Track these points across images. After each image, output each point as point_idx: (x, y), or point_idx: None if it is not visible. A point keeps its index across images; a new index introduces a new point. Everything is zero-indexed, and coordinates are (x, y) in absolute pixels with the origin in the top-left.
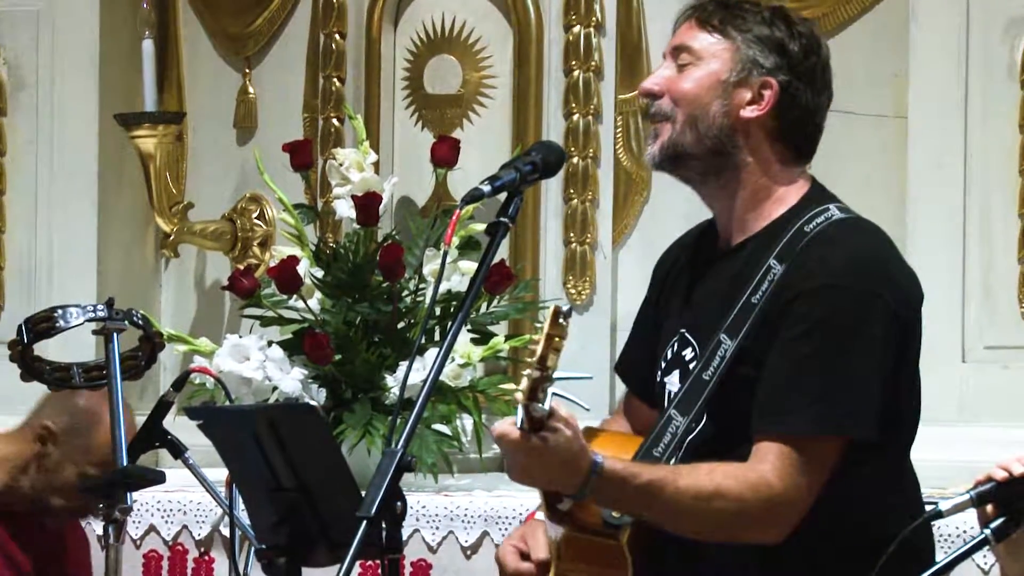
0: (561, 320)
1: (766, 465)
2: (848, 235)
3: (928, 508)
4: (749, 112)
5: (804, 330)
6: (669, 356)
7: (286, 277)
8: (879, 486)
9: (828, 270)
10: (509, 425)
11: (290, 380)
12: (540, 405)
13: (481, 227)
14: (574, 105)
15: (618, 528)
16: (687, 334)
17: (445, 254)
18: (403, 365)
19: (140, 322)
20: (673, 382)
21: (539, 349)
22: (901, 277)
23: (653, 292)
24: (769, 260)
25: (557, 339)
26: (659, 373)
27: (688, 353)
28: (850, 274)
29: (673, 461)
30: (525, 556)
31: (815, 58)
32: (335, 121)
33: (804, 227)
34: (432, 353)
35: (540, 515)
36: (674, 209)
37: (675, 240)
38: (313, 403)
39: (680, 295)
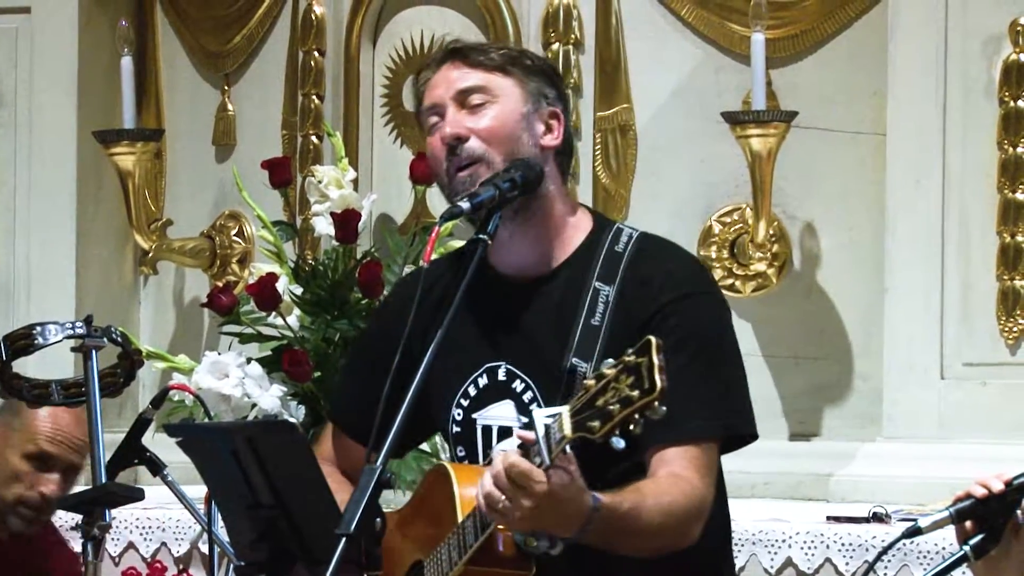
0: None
1: (684, 471)
2: (665, 248)
3: (908, 525)
4: (548, 141)
5: (676, 341)
6: (475, 392)
7: (265, 294)
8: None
9: (675, 283)
10: (527, 460)
11: (269, 397)
12: (617, 439)
13: (460, 244)
14: None
15: (529, 559)
16: (510, 367)
17: (420, 270)
18: None
19: (119, 339)
20: (501, 416)
21: (658, 380)
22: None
23: (391, 335)
24: (592, 283)
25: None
26: (458, 411)
27: (518, 385)
28: (699, 282)
29: None
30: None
31: (563, 86)
32: (314, 138)
33: (614, 247)
34: None
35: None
36: (653, 227)
37: (401, 279)
38: (292, 420)
39: (466, 331)
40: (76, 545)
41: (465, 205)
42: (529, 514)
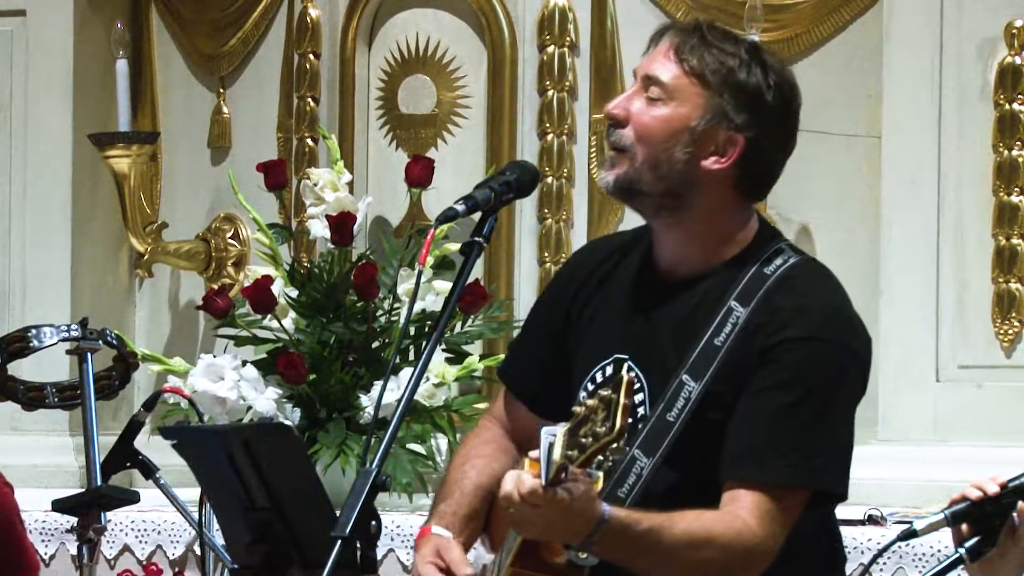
0: (634, 388)
1: (745, 513)
2: (813, 282)
3: (903, 527)
4: (711, 164)
5: (785, 380)
6: (600, 379)
7: (260, 297)
8: (819, 532)
9: (806, 321)
10: (533, 480)
11: (264, 400)
12: (593, 471)
13: (455, 247)
14: (548, 125)
15: (580, 570)
16: (633, 364)
17: (419, 274)
18: (377, 385)
19: (114, 342)
20: None
21: (619, 421)
22: (862, 328)
23: (559, 301)
24: (729, 302)
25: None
26: (584, 393)
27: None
28: (829, 327)
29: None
30: (444, 571)
31: (786, 112)
32: (309, 141)
33: (763, 269)
34: (406, 373)
35: (436, 529)
36: None
37: (589, 244)
38: (287, 423)
39: (612, 314)
40: (72, 547)
41: (460, 208)
42: (534, 523)
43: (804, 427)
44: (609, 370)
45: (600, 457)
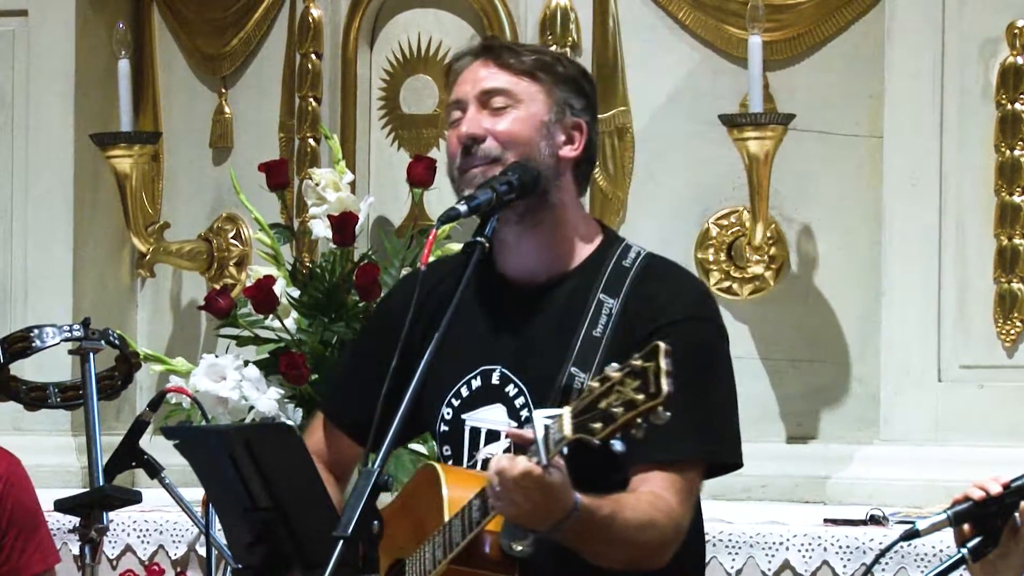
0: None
1: (665, 492)
2: (673, 269)
3: (905, 527)
4: (567, 152)
5: (673, 361)
6: (466, 393)
7: (262, 297)
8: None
9: (681, 303)
10: (528, 463)
11: (266, 400)
12: (617, 441)
13: (457, 247)
14: None
15: (513, 562)
16: (505, 371)
17: (419, 272)
18: None
19: (116, 342)
20: (491, 419)
21: (664, 384)
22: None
23: (391, 330)
24: (597, 295)
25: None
26: (448, 410)
27: (511, 389)
28: (701, 306)
29: None
30: None
31: (595, 95)
32: (311, 141)
33: (621, 262)
34: None
35: None
36: (650, 230)
37: (411, 273)
38: (289, 423)
39: (465, 331)
40: (74, 547)
41: (462, 208)
42: (521, 508)
43: (699, 404)
44: (476, 383)
45: (633, 428)
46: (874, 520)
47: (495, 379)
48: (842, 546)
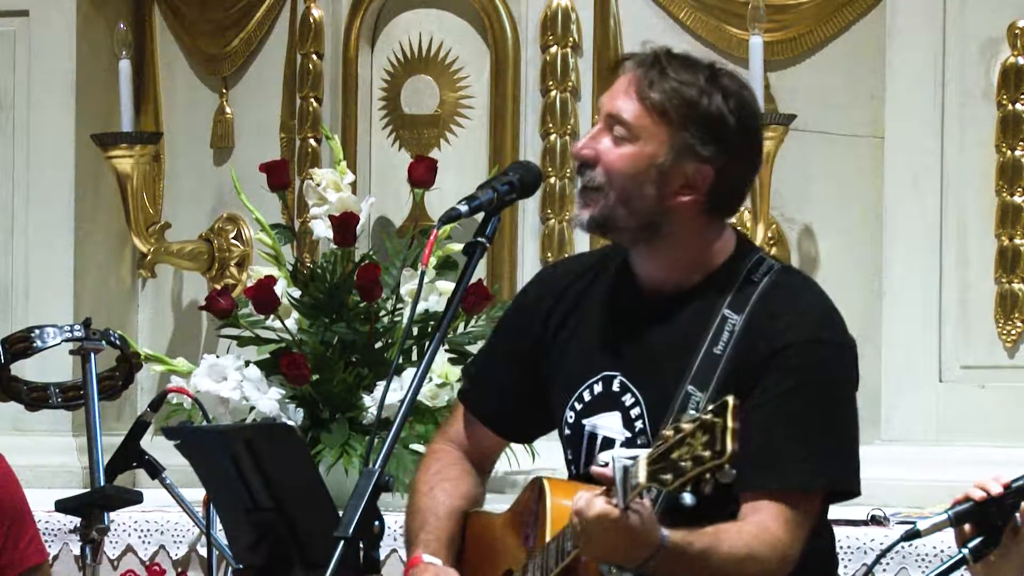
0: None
1: (772, 522)
2: (803, 287)
3: (906, 528)
4: (683, 197)
5: (792, 385)
6: (588, 398)
7: (263, 297)
8: (823, 529)
9: (805, 325)
10: (607, 505)
11: (267, 400)
12: (687, 495)
13: (458, 247)
14: (551, 125)
15: None
16: (624, 380)
17: (422, 274)
18: (380, 385)
19: (117, 342)
20: (607, 427)
21: (729, 444)
22: (847, 329)
23: (528, 321)
24: (722, 311)
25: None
26: (571, 413)
27: (628, 399)
28: (827, 328)
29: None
30: None
31: (748, 135)
32: (312, 141)
33: (751, 277)
34: (410, 373)
35: (428, 557)
36: None
37: (553, 266)
38: (290, 423)
39: (594, 334)
40: (75, 548)
41: (463, 208)
42: (601, 548)
43: (816, 430)
44: (598, 388)
45: (702, 483)
46: (875, 520)
47: (615, 386)
48: (843, 546)
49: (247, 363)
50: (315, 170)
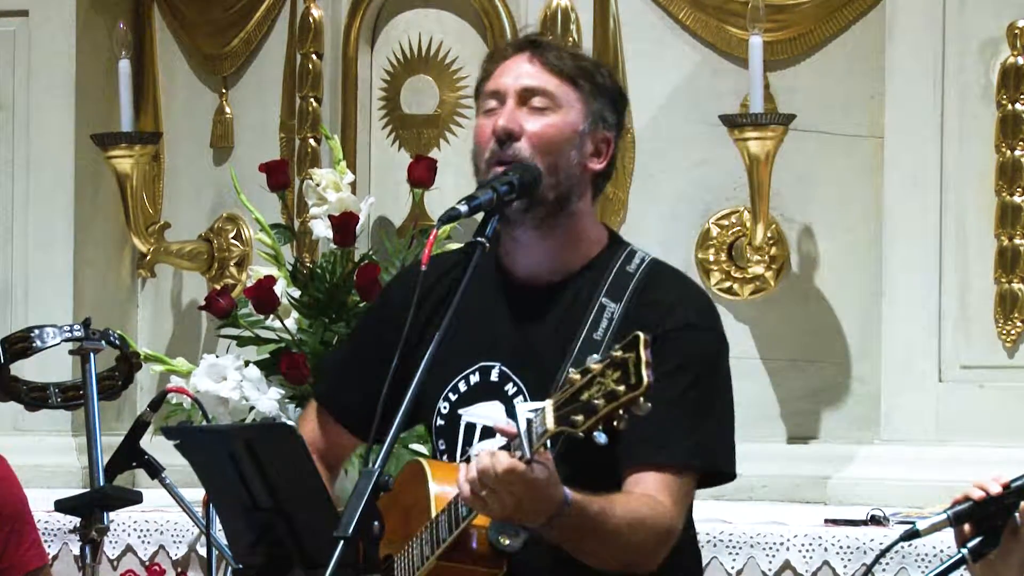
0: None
1: (659, 494)
2: (678, 277)
3: (906, 527)
4: (594, 165)
5: (674, 367)
6: (464, 388)
7: (263, 297)
8: (691, 525)
9: (684, 311)
10: (511, 459)
11: (267, 400)
12: (598, 434)
13: (458, 247)
14: None
15: (502, 557)
16: (504, 368)
17: (423, 274)
18: None
19: (117, 342)
20: (489, 415)
21: (645, 376)
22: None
23: (391, 322)
24: (600, 299)
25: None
26: (445, 404)
27: (511, 388)
28: (704, 316)
29: None
30: None
31: (626, 111)
32: (312, 141)
33: (625, 267)
34: None
35: None
36: (651, 230)
37: (407, 270)
38: (290, 423)
39: (467, 327)
40: (75, 548)
41: (463, 208)
42: (505, 504)
43: (698, 410)
44: (474, 378)
45: (616, 419)
46: (874, 520)
47: (494, 376)
48: (842, 546)
49: (247, 363)
50: (315, 170)
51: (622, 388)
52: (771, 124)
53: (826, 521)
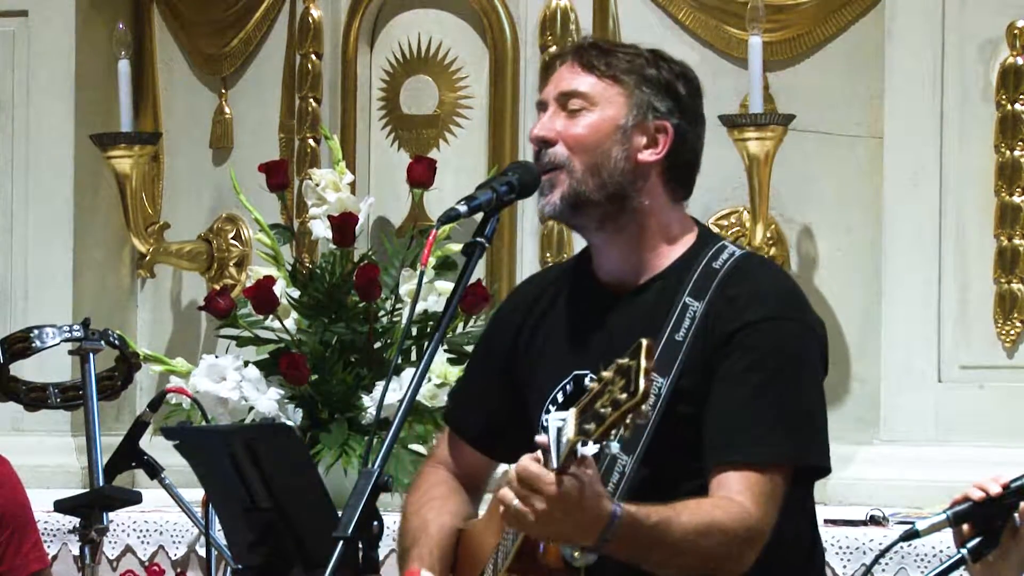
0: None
1: (739, 496)
2: (762, 269)
3: (905, 528)
4: (647, 156)
5: (752, 361)
6: (561, 399)
7: (262, 297)
8: (802, 514)
9: (763, 303)
10: (538, 465)
11: (266, 400)
12: (611, 443)
13: (458, 247)
14: None
15: (577, 571)
16: (594, 375)
17: (421, 274)
18: (379, 385)
19: (116, 342)
20: None
21: (642, 383)
22: (812, 308)
23: (501, 339)
24: (684, 298)
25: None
26: (546, 417)
27: None
28: (786, 307)
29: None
30: None
31: (699, 98)
32: (311, 141)
33: (711, 264)
34: (409, 373)
35: (425, 573)
36: None
37: (523, 283)
38: (289, 423)
39: (563, 337)
40: (74, 548)
41: (462, 208)
42: (541, 518)
43: (781, 405)
44: (570, 388)
45: (622, 426)
46: (874, 520)
47: (587, 384)
48: (842, 546)
49: (246, 363)
50: (314, 170)
51: (624, 396)
52: (771, 124)
53: (826, 521)
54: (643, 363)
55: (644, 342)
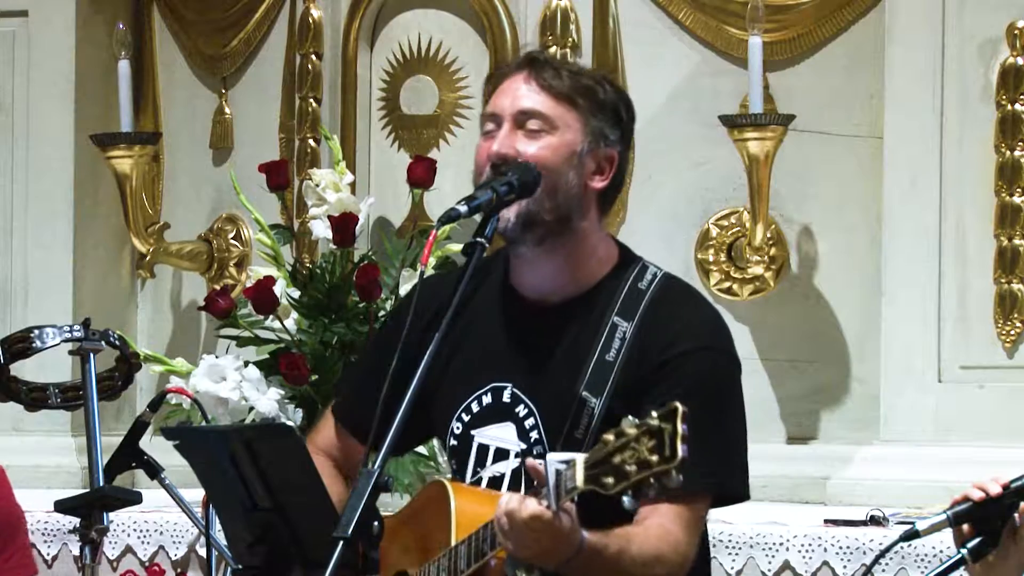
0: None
1: (672, 524)
2: (689, 295)
3: (905, 528)
4: (596, 183)
5: (684, 391)
6: (477, 409)
7: (262, 297)
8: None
9: (695, 332)
10: (539, 506)
11: (266, 400)
12: (629, 499)
13: (458, 247)
14: None
15: None
16: (516, 390)
17: (422, 274)
18: None
19: (116, 342)
20: (501, 437)
21: (679, 449)
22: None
23: (401, 337)
24: (612, 318)
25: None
26: (458, 424)
27: (521, 409)
28: (716, 337)
29: None
30: None
31: (634, 122)
32: (311, 142)
33: (637, 284)
34: None
35: None
36: (650, 231)
37: (426, 281)
38: (290, 423)
39: (479, 346)
40: (74, 548)
41: (463, 209)
42: (529, 547)
43: (709, 436)
44: (486, 399)
45: (646, 487)
46: (874, 521)
47: (506, 397)
48: (842, 547)
49: (246, 363)
50: (314, 170)
51: (655, 458)
52: (770, 124)
53: (826, 521)
54: (679, 429)
55: (680, 407)
